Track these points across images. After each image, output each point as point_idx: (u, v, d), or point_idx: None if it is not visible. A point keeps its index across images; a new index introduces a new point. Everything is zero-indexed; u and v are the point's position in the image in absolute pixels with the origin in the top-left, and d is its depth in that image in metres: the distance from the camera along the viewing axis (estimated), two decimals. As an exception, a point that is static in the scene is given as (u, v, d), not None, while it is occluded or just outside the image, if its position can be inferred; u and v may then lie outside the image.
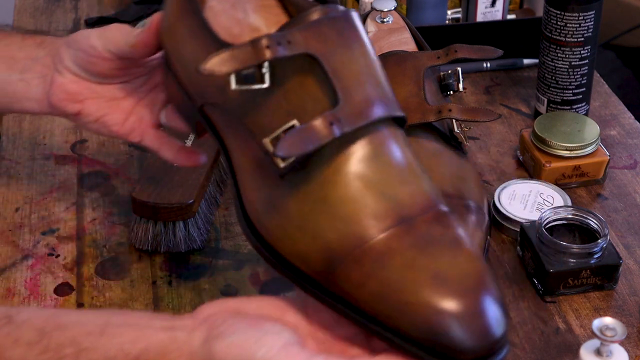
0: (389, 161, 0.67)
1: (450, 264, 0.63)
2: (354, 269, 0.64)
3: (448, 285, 0.62)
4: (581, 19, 1.01)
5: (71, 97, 0.81)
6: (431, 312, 0.61)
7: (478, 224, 0.86)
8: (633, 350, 0.80)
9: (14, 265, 0.89)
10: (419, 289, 0.62)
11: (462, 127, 0.94)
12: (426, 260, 0.63)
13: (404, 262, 0.63)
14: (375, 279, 0.63)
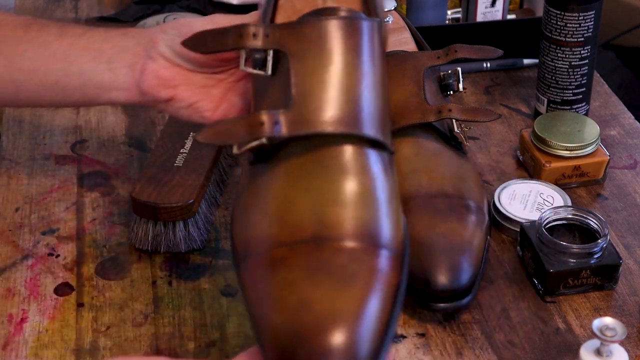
0: (334, 179, 0.66)
1: (325, 296, 0.62)
2: (252, 269, 0.65)
3: (306, 314, 0.61)
4: (581, 19, 1.01)
5: (164, 83, 0.82)
6: (283, 334, 0.61)
7: (478, 224, 0.86)
8: (633, 350, 0.80)
9: (14, 265, 0.89)
10: (283, 309, 0.62)
11: (462, 127, 0.95)
12: (305, 284, 0.62)
13: (286, 279, 0.63)
14: (261, 285, 0.64)
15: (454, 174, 0.90)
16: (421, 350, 0.80)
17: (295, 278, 0.63)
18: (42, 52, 0.85)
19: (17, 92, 0.86)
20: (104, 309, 0.85)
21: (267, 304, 0.63)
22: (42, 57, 0.84)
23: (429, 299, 0.81)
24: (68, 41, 0.85)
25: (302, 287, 0.63)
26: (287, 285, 0.63)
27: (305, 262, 0.64)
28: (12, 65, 0.85)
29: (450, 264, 0.81)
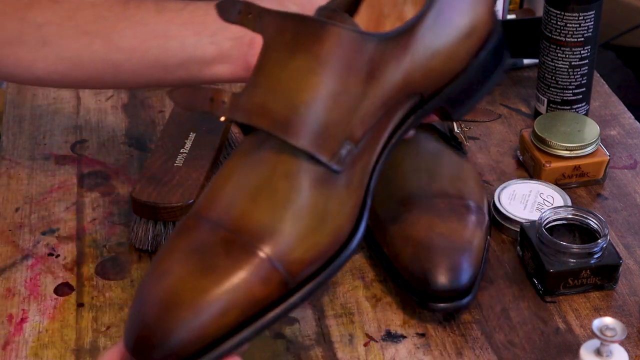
0: (260, 174, 0.67)
1: (181, 275, 0.64)
2: (176, 226, 0.70)
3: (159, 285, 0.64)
4: (581, 19, 1.01)
5: None
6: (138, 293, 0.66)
7: (478, 224, 0.86)
8: (633, 350, 0.80)
9: (14, 265, 0.89)
10: (150, 272, 0.66)
11: (462, 127, 0.94)
12: (177, 255, 0.65)
13: (171, 245, 0.66)
14: (164, 243, 0.69)
15: (454, 174, 0.90)
16: (421, 350, 0.80)
17: (175, 247, 0.66)
18: (141, 29, 0.83)
19: (116, 73, 0.85)
20: (104, 309, 0.85)
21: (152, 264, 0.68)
22: (141, 35, 0.83)
23: (429, 299, 0.81)
24: (168, 16, 0.83)
25: (172, 257, 0.66)
26: (168, 250, 0.66)
27: (193, 238, 0.66)
28: (111, 45, 0.84)
29: (450, 264, 0.81)
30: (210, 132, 0.96)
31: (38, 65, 0.87)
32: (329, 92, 0.66)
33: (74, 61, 0.86)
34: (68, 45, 0.85)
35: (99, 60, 0.85)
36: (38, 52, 0.86)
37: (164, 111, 1.10)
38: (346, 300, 0.85)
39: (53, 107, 1.12)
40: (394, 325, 0.83)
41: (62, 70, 0.86)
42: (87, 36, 0.85)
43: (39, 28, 0.85)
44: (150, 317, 0.63)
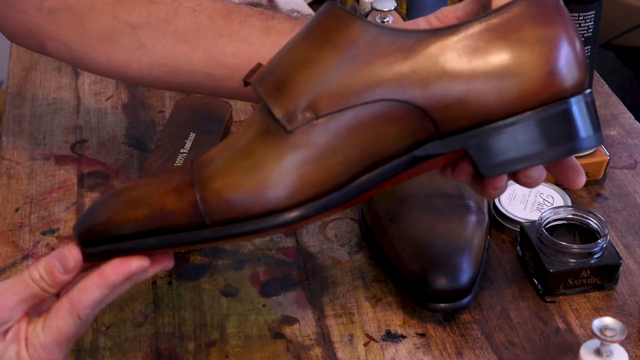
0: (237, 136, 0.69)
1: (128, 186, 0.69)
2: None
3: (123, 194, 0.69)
4: (581, 19, 1.00)
5: None
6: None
7: (478, 224, 0.86)
8: (633, 350, 0.80)
9: (14, 265, 0.89)
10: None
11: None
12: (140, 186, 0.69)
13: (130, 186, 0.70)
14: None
15: (454, 174, 0.90)
16: (421, 350, 0.80)
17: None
18: (246, 48, 0.81)
19: (215, 87, 0.84)
20: (104, 309, 0.84)
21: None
22: (245, 54, 0.81)
23: (428, 299, 0.81)
24: (275, 39, 0.81)
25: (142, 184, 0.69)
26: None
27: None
28: (212, 60, 0.82)
29: (450, 264, 0.81)
30: (210, 132, 0.96)
31: (131, 66, 0.85)
32: (301, 54, 0.67)
33: (170, 67, 0.84)
34: (165, 51, 0.83)
35: (199, 72, 0.83)
36: (132, 53, 0.84)
37: (164, 111, 1.10)
38: (346, 300, 0.85)
39: (53, 107, 1.12)
40: (394, 325, 0.83)
41: (157, 74, 0.85)
42: (186, 45, 0.83)
43: (133, 29, 0.83)
44: (95, 204, 0.69)
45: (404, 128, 0.67)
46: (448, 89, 0.66)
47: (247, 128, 0.69)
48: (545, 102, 0.67)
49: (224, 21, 0.82)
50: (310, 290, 0.86)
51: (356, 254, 0.90)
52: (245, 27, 0.82)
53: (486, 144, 0.67)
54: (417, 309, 0.84)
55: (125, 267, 0.67)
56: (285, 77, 0.67)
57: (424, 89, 0.66)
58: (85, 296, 0.67)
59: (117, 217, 0.67)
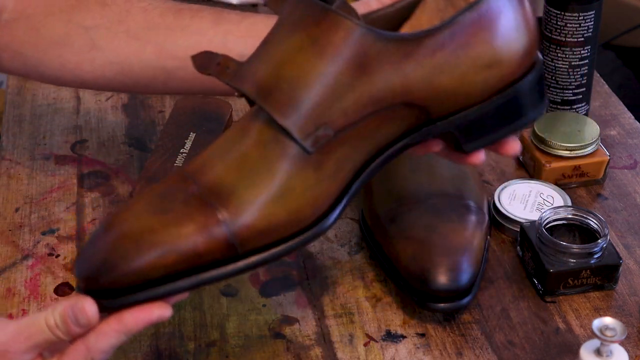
0: (238, 136, 0.69)
1: (139, 214, 0.66)
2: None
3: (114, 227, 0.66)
4: (581, 19, 1.01)
5: None
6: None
7: (478, 224, 0.86)
8: (633, 350, 0.80)
9: (14, 265, 0.89)
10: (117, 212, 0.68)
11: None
12: (142, 200, 0.68)
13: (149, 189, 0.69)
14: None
15: (454, 174, 0.90)
16: (421, 350, 0.80)
17: (146, 192, 0.69)
18: (197, 39, 0.83)
19: (167, 80, 0.86)
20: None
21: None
22: (197, 45, 0.82)
23: (428, 299, 0.81)
24: (225, 28, 0.83)
25: (137, 201, 0.68)
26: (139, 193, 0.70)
27: (167, 186, 0.68)
28: (163, 53, 0.84)
29: (450, 264, 0.81)
30: (210, 132, 0.96)
31: (85, 68, 0.86)
32: (315, 73, 0.67)
33: (123, 66, 0.85)
34: (118, 50, 0.85)
35: (151, 67, 0.85)
36: (86, 54, 0.85)
37: (164, 111, 1.10)
38: (346, 300, 0.85)
39: (53, 107, 1.12)
40: (394, 325, 0.83)
41: (109, 74, 0.86)
42: (138, 42, 0.84)
43: (87, 31, 0.85)
44: (102, 245, 0.66)
45: (403, 122, 0.70)
46: (445, 84, 0.69)
47: (262, 152, 0.67)
48: (518, 79, 0.72)
49: (175, 17, 0.84)
50: (310, 290, 0.86)
51: (356, 254, 0.90)
52: (195, 21, 0.84)
53: (469, 123, 0.72)
54: (417, 309, 0.84)
55: (146, 316, 0.65)
56: (300, 97, 0.67)
57: (426, 88, 0.69)
58: (102, 341, 0.65)
59: (142, 266, 0.64)
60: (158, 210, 0.66)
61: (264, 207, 0.67)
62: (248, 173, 0.67)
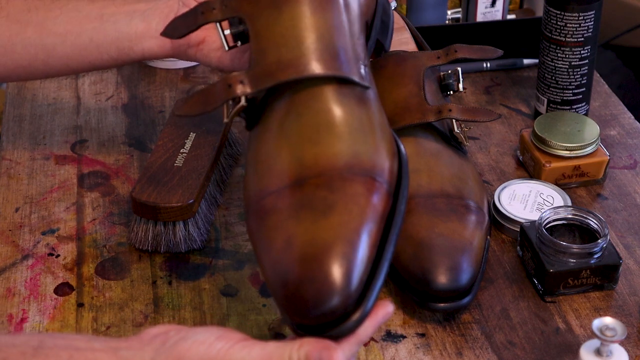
0: (307, 121, 0.70)
1: (305, 230, 0.65)
2: (251, 220, 0.69)
3: (289, 251, 0.64)
4: (581, 19, 1.01)
5: None
6: (274, 274, 0.65)
7: (478, 224, 0.86)
8: (633, 350, 0.80)
9: (14, 265, 0.89)
10: (271, 250, 0.66)
11: (462, 127, 0.95)
12: (289, 222, 0.66)
13: (274, 223, 0.67)
14: (257, 234, 0.68)
15: (454, 174, 0.90)
16: (421, 350, 0.80)
17: (281, 220, 0.66)
18: (75, 14, 0.87)
19: (48, 58, 0.89)
20: (104, 309, 0.85)
21: (262, 251, 0.67)
22: (75, 20, 0.87)
23: (429, 299, 0.81)
24: (101, 4, 0.88)
25: (286, 226, 0.66)
26: (274, 228, 0.66)
27: (289, 203, 0.67)
28: (44, 31, 0.88)
29: (450, 264, 0.81)
30: (210, 132, 0.96)
31: None
32: (326, 25, 0.71)
33: (6, 48, 0.89)
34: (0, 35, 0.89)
35: (32, 45, 0.89)
36: None
37: (164, 111, 1.10)
38: (346, 300, 0.85)
39: (53, 107, 1.12)
40: (394, 325, 0.83)
41: None
42: (19, 24, 0.89)
43: None
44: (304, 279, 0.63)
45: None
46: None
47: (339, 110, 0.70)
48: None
49: (52, 0, 0.89)
50: (310, 290, 0.86)
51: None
52: (72, 1, 0.89)
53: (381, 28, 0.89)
54: (417, 309, 0.84)
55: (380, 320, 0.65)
56: (335, 48, 0.71)
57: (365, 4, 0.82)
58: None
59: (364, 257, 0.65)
60: (321, 215, 0.65)
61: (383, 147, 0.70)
62: (346, 133, 0.69)
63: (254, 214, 0.69)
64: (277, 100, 0.72)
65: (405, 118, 0.91)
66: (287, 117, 0.71)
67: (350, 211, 0.65)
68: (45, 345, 0.64)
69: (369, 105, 0.72)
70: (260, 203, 0.69)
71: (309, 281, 0.63)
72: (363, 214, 0.66)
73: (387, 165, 0.69)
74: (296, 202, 0.67)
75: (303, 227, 0.65)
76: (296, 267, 0.64)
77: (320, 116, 0.70)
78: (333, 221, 0.65)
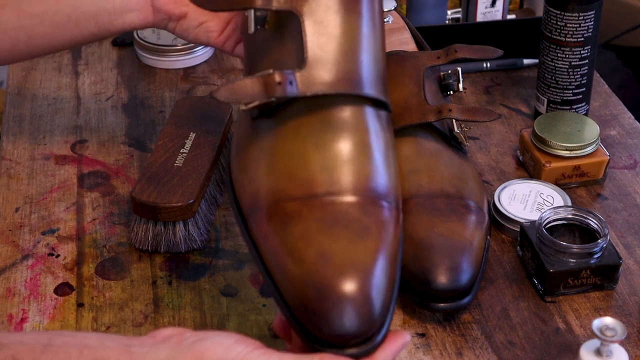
0: (343, 137, 0.69)
1: (343, 248, 0.65)
2: (265, 221, 0.68)
3: (326, 266, 0.64)
4: (581, 19, 1.01)
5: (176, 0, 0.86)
6: (303, 284, 0.64)
7: (478, 224, 0.86)
8: (633, 350, 0.80)
9: (14, 265, 0.89)
10: (302, 261, 0.65)
11: (462, 127, 0.95)
12: (322, 237, 0.66)
13: (302, 232, 0.66)
14: (276, 238, 0.67)
15: (454, 174, 0.90)
16: (421, 350, 0.80)
17: (312, 231, 0.66)
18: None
19: (29, 39, 0.90)
20: (104, 309, 0.85)
21: (284, 256, 0.66)
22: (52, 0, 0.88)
23: (429, 299, 0.81)
24: None
25: (319, 239, 0.66)
26: (304, 237, 0.66)
27: (320, 216, 0.67)
28: (21, 12, 0.89)
29: (450, 264, 0.81)
30: (210, 132, 0.96)
31: None
32: (377, 46, 0.72)
33: None
34: None
35: (11, 29, 0.90)
36: None
37: (164, 111, 1.10)
38: (346, 300, 0.85)
39: (53, 107, 1.12)
40: (394, 325, 0.83)
41: None
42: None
43: None
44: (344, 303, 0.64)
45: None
46: None
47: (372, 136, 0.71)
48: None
49: None
50: (310, 290, 0.86)
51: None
52: None
53: None
54: (417, 309, 0.84)
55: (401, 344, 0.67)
56: (379, 76, 0.72)
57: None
58: None
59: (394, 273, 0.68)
60: (356, 236, 0.66)
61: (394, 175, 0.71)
62: (376, 159, 0.70)
63: (268, 214, 0.68)
64: (304, 101, 0.70)
65: (405, 118, 0.91)
66: (319, 126, 0.70)
67: (384, 239, 0.67)
68: (54, 342, 0.65)
69: (389, 129, 0.73)
70: (280, 205, 0.68)
71: (348, 300, 0.63)
72: (394, 242, 0.68)
73: (397, 191, 0.71)
74: (328, 217, 0.67)
75: (340, 245, 0.66)
76: (334, 283, 0.64)
77: (357, 136, 0.70)
78: (370, 245, 0.66)
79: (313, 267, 0.65)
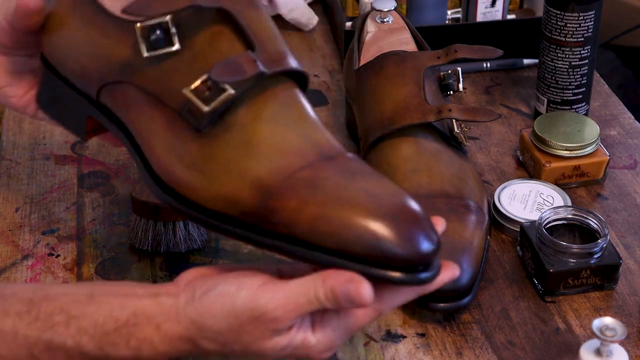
0: (303, 110, 0.71)
1: (379, 185, 0.68)
2: (290, 196, 0.67)
3: (383, 200, 0.66)
4: (581, 19, 1.01)
5: None
6: (370, 224, 0.65)
7: (478, 224, 0.86)
8: (633, 350, 0.80)
9: (14, 265, 0.89)
10: (357, 205, 0.65)
11: (462, 127, 0.95)
12: (357, 183, 0.67)
13: (337, 185, 0.67)
14: (313, 202, 0.66)
15: (454, 174, 0.90)
16: (421, 350, 0.80)
17: (345, 181, 0.67)
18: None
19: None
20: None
21: (338, 209, 0.66)
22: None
23: (429, 299, 0.81)
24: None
25: (359, 185, 0.67)
26: (343, 188, 0.67)
27: (336, 170, 0.68)
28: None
29: (450, 264, 0.81)
30: (210, 132, 0.96)
31: None
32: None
33: None
34: None
35: None
36: None
37: (164, 111, 1.10)
38: (346, 300, 0.85)
39: (53, 107, 1.12)
40: (394, 325, 0.83)
41: None
42: None
43: None
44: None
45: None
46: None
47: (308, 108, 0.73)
48: None
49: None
50: (310, 290, 0.86)
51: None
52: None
53: None
54: (417, 309, 0.84)
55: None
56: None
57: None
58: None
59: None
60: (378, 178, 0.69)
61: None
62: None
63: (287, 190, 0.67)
64: (243, 100, 0.71)
65: (405, 118, 0.91)
66: (279, 106, 0.71)
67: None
68: (96, 293, 0.67)
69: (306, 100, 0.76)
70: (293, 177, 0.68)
71: (412, 224, 0.66)
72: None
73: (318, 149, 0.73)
74: (343, 169, 0.69)
75: (375, 184, 0.68)
76: (397, 212, 0.66)
77: (309, 109, 0.73)
78: (389, 181, 0.70)
79: (370, 205, 0.66)
